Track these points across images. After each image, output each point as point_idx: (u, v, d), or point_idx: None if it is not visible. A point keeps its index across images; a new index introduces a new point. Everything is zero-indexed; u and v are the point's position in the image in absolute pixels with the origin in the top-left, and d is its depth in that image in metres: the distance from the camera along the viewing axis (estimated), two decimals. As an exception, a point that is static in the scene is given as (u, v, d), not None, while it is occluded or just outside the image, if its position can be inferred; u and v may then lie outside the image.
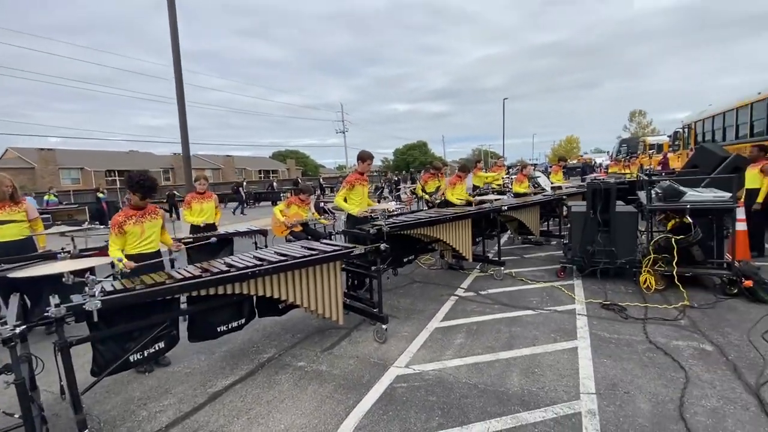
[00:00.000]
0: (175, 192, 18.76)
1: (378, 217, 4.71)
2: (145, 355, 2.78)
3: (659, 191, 4.81)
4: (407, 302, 4.78)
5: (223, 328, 3.28)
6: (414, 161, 62.91)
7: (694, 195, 4.52)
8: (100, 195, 18.07)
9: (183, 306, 3.03)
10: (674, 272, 4.40)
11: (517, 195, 9.17)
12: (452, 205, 6.73)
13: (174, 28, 10.50)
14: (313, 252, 3.34)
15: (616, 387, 2.78)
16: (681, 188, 4.59)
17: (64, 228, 4.58)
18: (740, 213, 5.31)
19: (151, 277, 2.77)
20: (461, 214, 5.08)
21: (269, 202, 22.17)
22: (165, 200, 17.43)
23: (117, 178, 38.86)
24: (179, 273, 2.82)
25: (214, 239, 4.24)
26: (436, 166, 8.15)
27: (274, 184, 31.08)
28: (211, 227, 5.22)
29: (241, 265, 2.95)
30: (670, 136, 16.32)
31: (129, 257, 3.42)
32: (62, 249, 3.88)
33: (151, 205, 3.67)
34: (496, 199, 5.94)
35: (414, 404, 2.69)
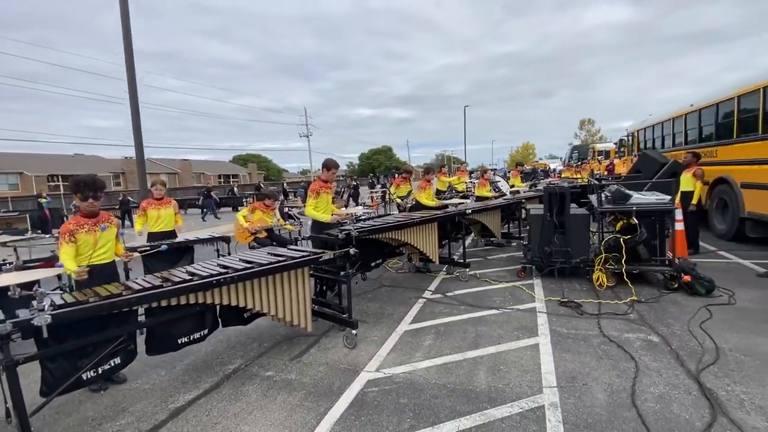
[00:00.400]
0: (129, 197, 17.67)
1: (346, 222, 4.72)
2: (100, 372, 2.62)
3: (608, 195, 5.17)
4: (376, 306, 4.80)
5: (185, 339, 3.16)
6: (379, 166, 63.39)
7: (639, 198, 4.89)
8: (43, 201, 16.64)
9: (141, 318, 2.89)
10: (623, 270, 4.74)
11: (479, 199, 9.50)
12: (424, 208, 6.91)
13: (126, 23, 9.99)
14: (280, 258, 3.29)
15: (575, 380, 2.94)
16: (627, 192, 4.95)
17: (6, 237, 4.21)
18: (678, 214, 5.80)
19: (106, 289, 2.61)
20: (427, 217, 5.18)
21: (230, 208, 21.46)
22: (117, 206, 16.37)
23: (61, 183, 36.15)
24: (137, 283, 2.68)
25: (164, 246, 4.05)
26: (408, 170, 8.25)
27: (235, 188, 30.21)
28: (171, 235, 4.97)
29: (204, 274, 2.85)
30: (616, 143, 17.53)
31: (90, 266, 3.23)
32: (4, 260, 3.56)
33: (104, 212, 3.46)
34: (460, 203, 6.12)
35: (386, 407, 2.71)
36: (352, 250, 3.55)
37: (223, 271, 2.92)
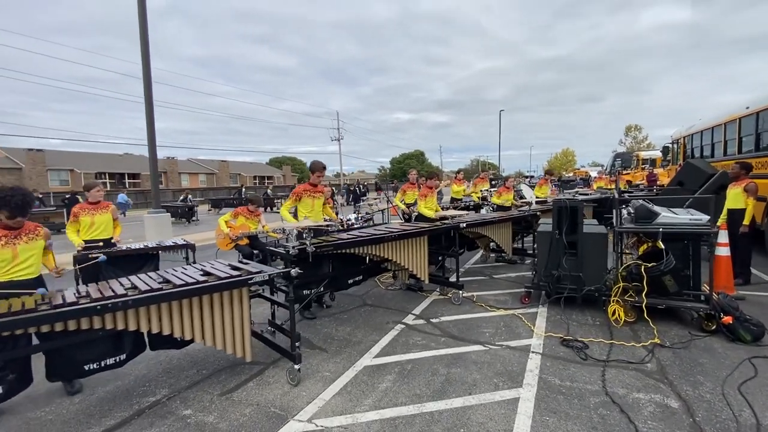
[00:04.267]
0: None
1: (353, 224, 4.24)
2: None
3: (631, 211, 4.32)
4: (346, 331, 4.23)
5: (93, 366, 2.76)
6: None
7: (667, 217, 4.01)
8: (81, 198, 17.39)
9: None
10: (644, 304, 3.88)
11: (499, 208, 8.71)
12: (425, 217, 6.35)
13: (144, 25, 10.09)
14: (201, 279, 2.81)
15: (551, 459, 2.24)
16: (654, 209, 4.09)
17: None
18: (722, 236, 4.80)
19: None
20: (411, 231, 4.56)
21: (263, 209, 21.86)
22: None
23: (108, 180, 38.47)
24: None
25: (102, 258, 3.69)
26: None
27: (269, 191, 30.90)
28: (107, 244, 4.62)
29: (97, 295, 2.41)
30: (662, 151, 15.89)
31: (3, 285, 2.90)
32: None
33: (31, 223, 3.15)
34: (456, 215, 5.44)
35: (295, 478, 2.14)
36: (293, 271, 3.01)
37: (121, 293, 2.48)
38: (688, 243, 3.99)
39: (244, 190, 28.76)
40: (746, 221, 5.14)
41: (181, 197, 20.95)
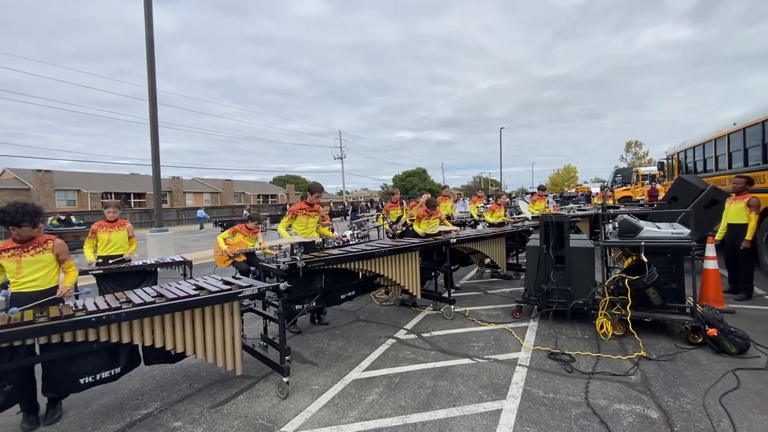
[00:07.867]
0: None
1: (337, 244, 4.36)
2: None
3: (616, 226, 4.42)
4: (337, 346, 4.30)
5: (89, 379, 2.83)
6: (413, 188, 63.20)
7: (651, 231, 4.11)
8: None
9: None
10: (628, 317, 3.94)
11: (491, 225, 8.80)
12: (416, 235, 6.45)
13: (151, 51, 10.50)
14: (193, 293, 2.93)
15: (528, 468, 2.29)
16: (637, 223, 4.19)
17: None
18: (710, 250, 4.87)
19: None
20: (402, 246, 4.67)
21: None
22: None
23: (113, 200, 39.06)
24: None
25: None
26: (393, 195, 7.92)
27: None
28: (123, 259, 4.80)
29: (92, 308, 2.54)
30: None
31: (14, 295, 3.07)
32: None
33: (44, 236, 3.20)
34: (449, 230, 5.55)
35: (277, 486, 2.20)
36: (282, 285, 3.12)
37: (115, 306, 2.60)
38: (671, 256, 4.07)
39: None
40: (749, 236, 5.10)
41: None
